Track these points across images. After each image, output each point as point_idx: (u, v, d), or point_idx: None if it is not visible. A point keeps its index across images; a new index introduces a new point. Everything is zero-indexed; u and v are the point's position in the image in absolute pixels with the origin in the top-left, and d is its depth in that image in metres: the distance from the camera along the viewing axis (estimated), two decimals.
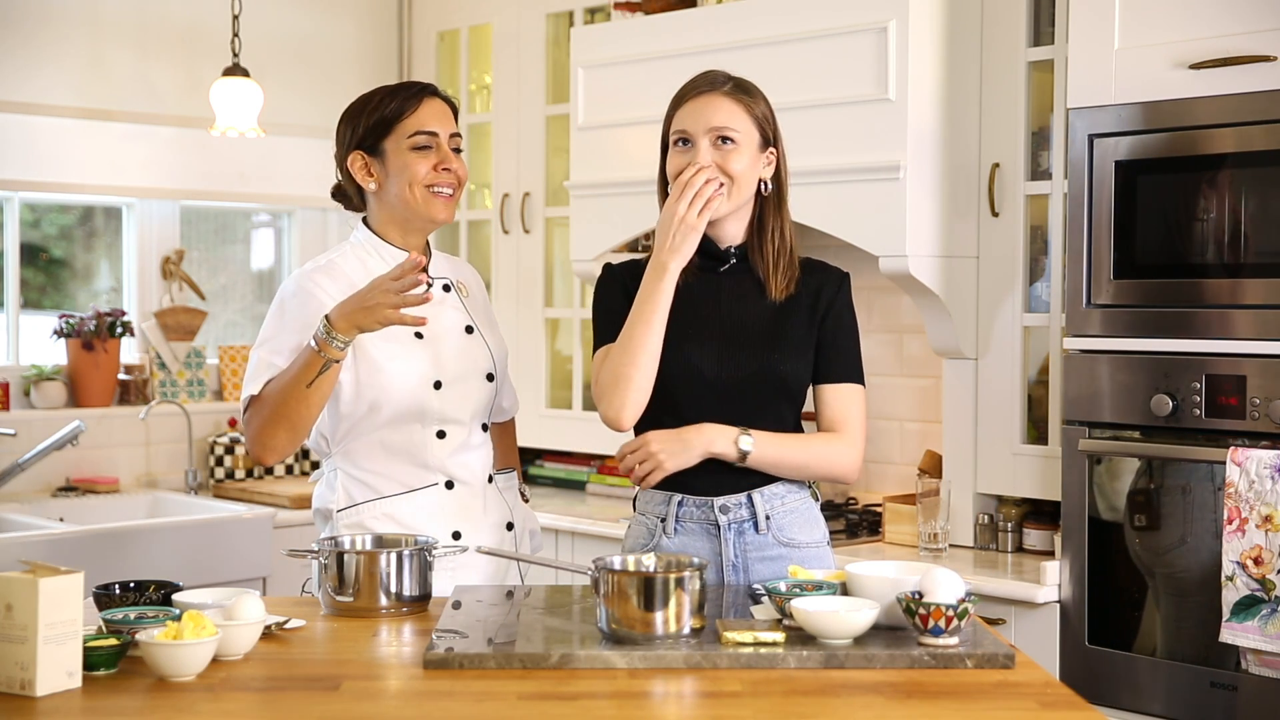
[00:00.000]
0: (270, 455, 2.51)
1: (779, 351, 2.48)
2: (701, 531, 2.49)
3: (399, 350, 2.59)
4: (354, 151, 2.65)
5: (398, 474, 2.62)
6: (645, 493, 2.54)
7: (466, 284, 2.77)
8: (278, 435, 2.48)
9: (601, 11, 4.54)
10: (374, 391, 2.57)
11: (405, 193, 2.62)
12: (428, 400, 2.60)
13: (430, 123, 2.62)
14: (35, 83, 4.48)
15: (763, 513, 2.49)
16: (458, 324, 2.69)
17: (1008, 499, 3.61)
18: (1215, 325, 2.97)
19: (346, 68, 5.09)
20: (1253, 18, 2.91)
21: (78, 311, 4.69)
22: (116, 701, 1.87)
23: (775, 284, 2.51)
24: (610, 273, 2.61)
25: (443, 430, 2.63)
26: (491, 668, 1.99)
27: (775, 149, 2.53)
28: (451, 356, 2.64)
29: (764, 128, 2.50)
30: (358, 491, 2.63)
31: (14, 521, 4.09)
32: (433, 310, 2.60)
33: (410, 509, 2.61)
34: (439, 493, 2.64)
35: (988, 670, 2.00)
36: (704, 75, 2.53)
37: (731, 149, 2.46)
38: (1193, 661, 3.00)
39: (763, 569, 2.49)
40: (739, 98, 2.49)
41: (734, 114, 2.47)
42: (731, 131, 2.45)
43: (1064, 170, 3.34)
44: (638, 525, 2.56)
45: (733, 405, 2.46)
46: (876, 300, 4.05)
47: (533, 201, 4.69)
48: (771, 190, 2.52)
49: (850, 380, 2.53)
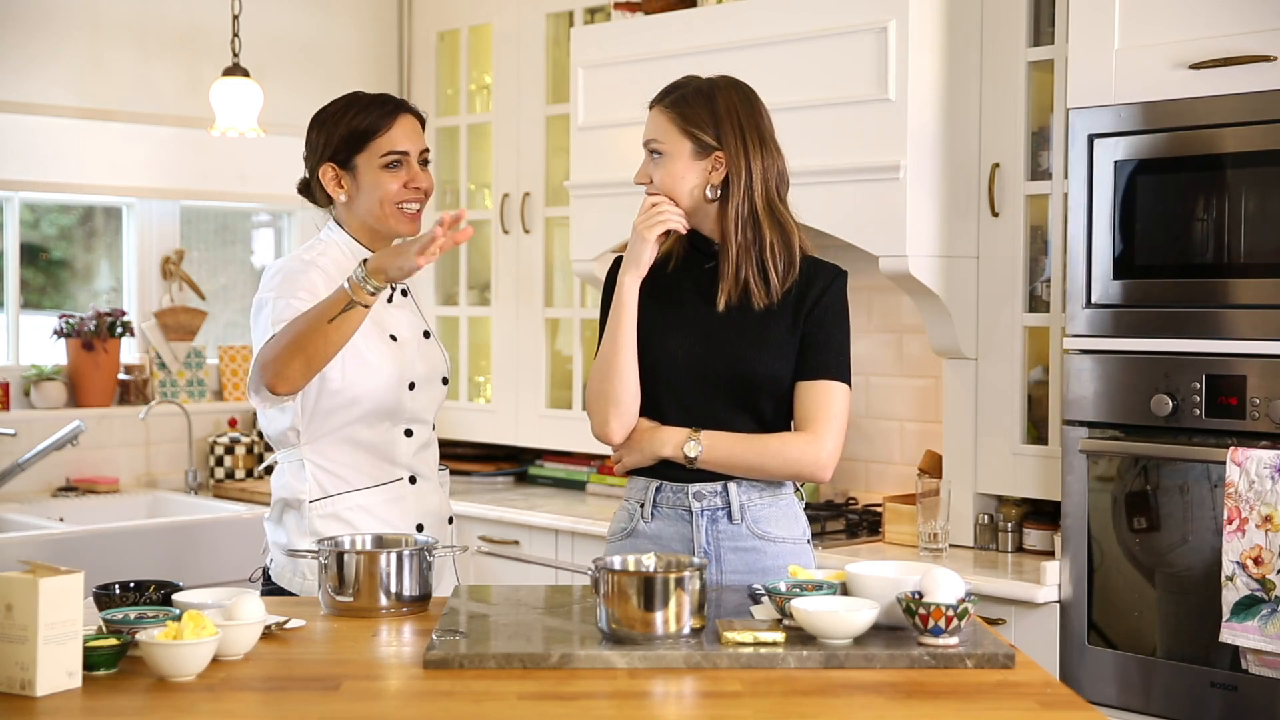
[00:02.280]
0: (283, 384, 2.46)
1: (758, 348, 2.49)
2: (676, 517, 2.53)
3: (378, 351, 2.66)
4: (326, 163, 2.70)
5: (367, 468, 2.69)
6: (632, 479, 2.59)
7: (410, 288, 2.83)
8: (293, 364, 2.44)
9: (601, 11, 4.54)
10: (358, 389, 2.63)
11: (376, 209, 2.70)
12: (402, 399, 2.69)
13: (401, 142, 2.68)
14: (35, 83, 4.48)
15: (737, 503, 2.51)
16: (418, 328, 2.78)
17: (1008, 499, 3.61)
18: (1215, 325, 2.97)
19: (346, 68, 5.09)
20: (1253, 18, 2.91)
21: (78, 311, 4.69)
22: (116, 701, 1.87)
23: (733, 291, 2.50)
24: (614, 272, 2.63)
25: (410, 429, 2.72)
26: (491, 668, 1.99)
27: (722, 154, 2.50)
28: (417, 359, 2.73)
29: (697, 137, 2.50)
30: (330, 483, 2.66)
31: (14, 521, 4.09)
32: (398, 315, 2.73)
33: (382, 501, 2.69)
34: (404, 487, 2.72)
35: (988, 670, 2.00)
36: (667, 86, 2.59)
37: (659, 160, 2.54)
38: (1193, 661, 3.00)
39: (735, 559, 2.51)
40: (672, 110, 2.54)
41: (659, 127, 2.54)
42: (656, 144, 2.54)
43: (1064, 170, 3.34)
44: (621, 510, 2.62)
45: (711, 400, 2.49)
46: (876, 300, 4.04)
47: (533, 201, 4.69)
48: (718, 196, 2.51)
49: (825, 377, 2.50)
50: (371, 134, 2.68)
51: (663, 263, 2.57)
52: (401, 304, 2.76)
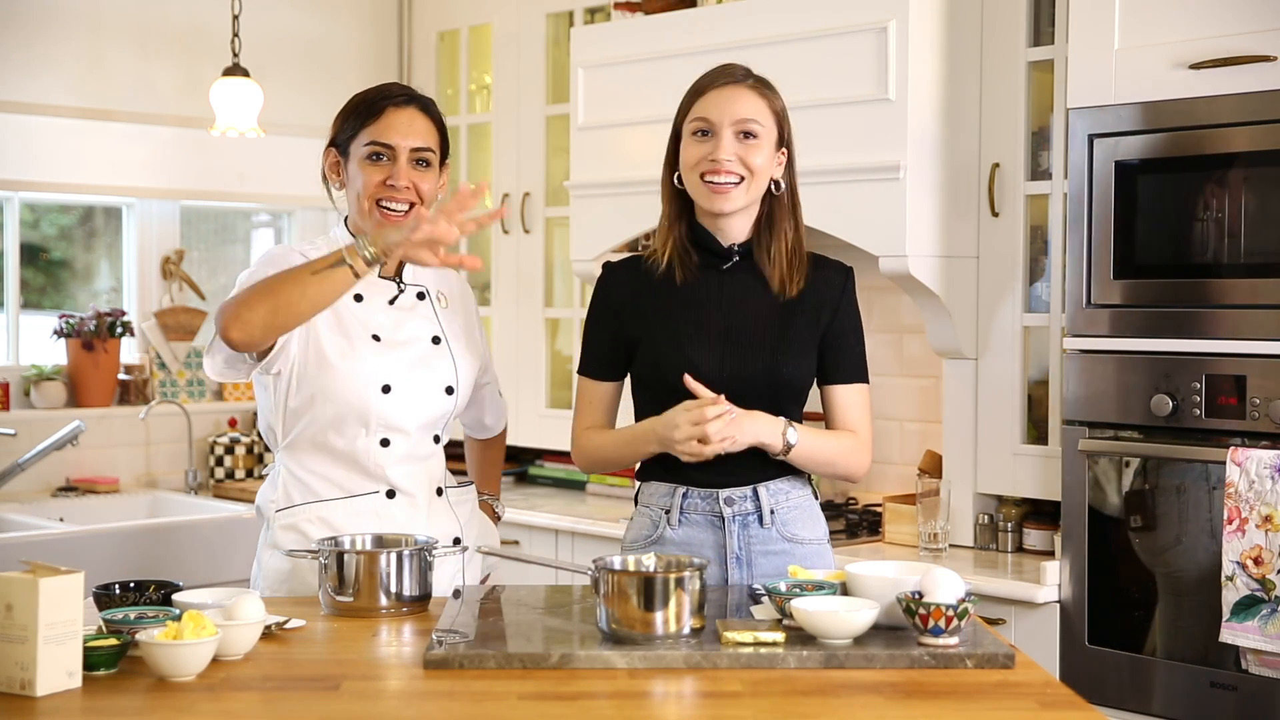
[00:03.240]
0: (238, 327, 2.28)
1: (782, 351, 2.48)
2: (706, 524, 2.49)
3: (350, 349, 2.52)
4: (329, 146, 2.61)
5: (339, 479, 2.55)
6: (648, 485, 2.54)
7: (449, 295, 2.70)
8: (258, 309, 2.28)
9: (601, 11, 4.54)
10: (315, 385, 2.50)
11: (356, 203, 2.57)
12: (371, 403, 2.51)
13: (387, 135, 2.52)
14: (35, 83, 4.48)
15: (767, 507, 2.48)
16: (425, 333, 2.61)
17: (1008, 499, 3.61)
18: (1215, 325, 2.97)
19: (346, 68, 5.09)
20: (1253, 18, 2.91)
21: (78, 311, 4.70)
22: (116, 701, 1.87)
23: (788, 283, 2.49)
24: (602, 282, 2.59)
25: (387, 438, 2.54)
26: (491, 668, 1.99)
27: (787, 148, 2.52)
28: (409, 364, 2.56)
29: (782, 125, 2.50)
30: (297, 492, 2.56)
31: (14, 521, 4.09)
32: (398, 317, 2.58)
33: (347, 514, 2.54)
34: (379, 501, 2.56)
35: (988, 670, 2.00)
36: (723, 68, 2.51)
37: (754, 143, 2.45)
38: (1193, 661, 3.00)
39: (765, 563, 2.48)
40: (762, 92, 2.48)
41: (758, 108, 2.46)
42: (756, 125, 2.45)
43: (1064, 170, 3.34)
44: (640, 518, 2.55)
45: (736, 405, 2.45)
46: (876, 300, 4.04)
47: (533, 201, 4.69)
48: (784, 190, 2.52)
49: (860, 380, 2.55)
50: (363, 121, 2.54)
51: (666, 274, 2.52)
52: (410, 306, 2.62)
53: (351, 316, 2.54)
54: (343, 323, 2.53)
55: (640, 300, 2.52)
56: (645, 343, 2.50)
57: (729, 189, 2.44)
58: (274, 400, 2.56)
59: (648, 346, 2.50)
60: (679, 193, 2.52)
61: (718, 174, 2.43)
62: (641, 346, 2.51)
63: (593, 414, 2.58)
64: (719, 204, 2.45)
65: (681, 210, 2.53)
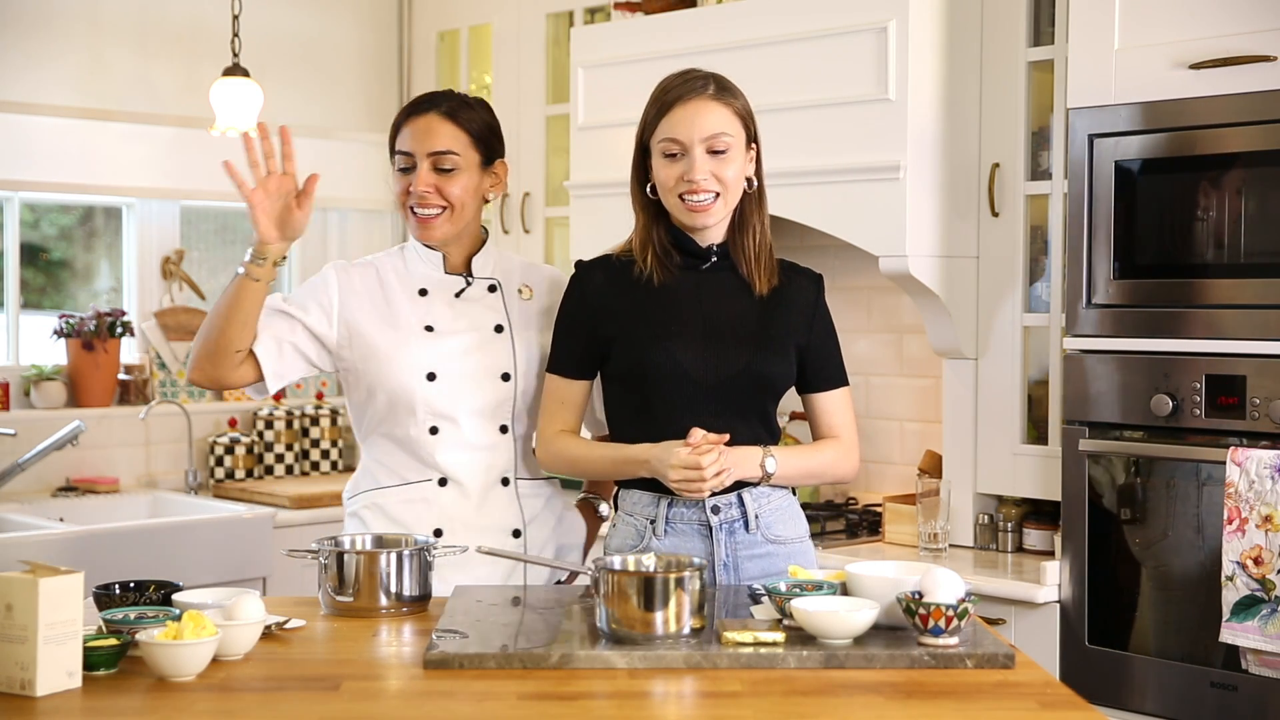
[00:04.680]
0: (192, 371, 2.58)
1: (763, 350, 2.49)
2: (693, 533, 2.48)
3: (400, 340, 2.61)
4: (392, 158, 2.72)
5: (397, 466, 2.64)
6: (630, 493, 2.52)
7: (535, 287, 2.73)
8: (198, 351, 2.56)
9: (601, 11, 4.54)
10: (369, 378, 2.63)
11: (398, 207, 2.71)
12: (417, 391, 2.58)
13: (405, 143, 2.64)
14: (35, 82, 4.48)
15: (752, 512, 2.49)
16: (488, 322, 2.66)
17: (1008, 499, 3.61)
18: (1215, 325, 2.97)
19: (346, 68, 5.09)
20: (1253, 18, 2.91)
21: (78, 311, 4.69)
22: (116, 701, 1.87)
23: (759, 280, 2.51)
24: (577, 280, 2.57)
25: (435, 426, 2.60)
26: (491, 668, 1.99)
27: (756, 144, 2.52)
28: (461, 352, 2.62)
29: (748, 125, 2.50)
30: (364, 480, 2.69)
31: (14, 521, 4.08)
32: (462, 309, 2.65)
33: (399, 501, 2.63)
34: (431, 489, 2.62)
35: (988, 670, 2.00)
36: (684, 78, 2.49)
37: (725, 158, 2.44)
38: (1193, 661, 3.00)
39: (751, 567, 2.49)
40: (725, 100, 2.47)
41: (724, 119, 2.45)
42: (725, 138, 2.44)
43: (1064, 170, 3.34)
44: (624, 526, 2.53)
45: (718, 405, 2.46)
46: (876, 300, 4.05)
47: (533, 201, 4.69)
48: (755, 186, 2.52)
49: (841, 384, 2.59)
50: (394, 132, 2.68)
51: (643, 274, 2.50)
52: (477, 298, 2.67)
53: (409, 311, 2.64)
54: (397, 317, 2.63)
55: (618, 299, 2.51)
56: (622, 341, 2.49)
57: (709, 205, 2.45)
58: (347, 396, 2.70)
59: (626, 345, 2.48)
60: (652, 200, 2.52)
61: (695, 193, 2.44)
62: (618, 345, 2.49)
63: (564, 415, 2.56)
64: (701, 220, 2.47)
65: (657, 215, 2.52)
